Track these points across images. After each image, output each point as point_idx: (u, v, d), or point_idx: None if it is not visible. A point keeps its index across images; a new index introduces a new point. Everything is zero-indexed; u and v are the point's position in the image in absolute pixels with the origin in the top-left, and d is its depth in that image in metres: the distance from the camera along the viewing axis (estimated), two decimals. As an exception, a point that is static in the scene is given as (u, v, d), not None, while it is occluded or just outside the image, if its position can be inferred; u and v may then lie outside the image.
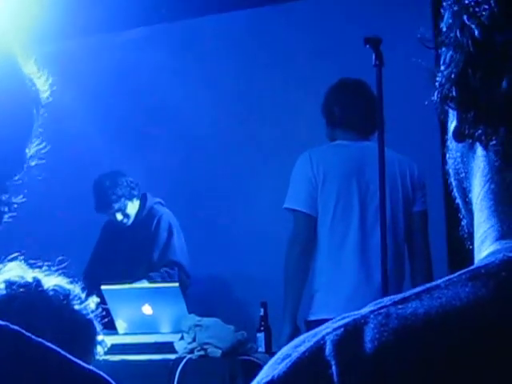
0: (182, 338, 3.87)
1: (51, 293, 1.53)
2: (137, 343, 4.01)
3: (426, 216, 3.92)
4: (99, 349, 3.95)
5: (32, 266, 1.54)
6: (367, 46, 3.40)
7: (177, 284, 4.21)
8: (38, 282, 1.52)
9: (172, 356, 3.79)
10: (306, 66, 5.44)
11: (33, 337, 0.91)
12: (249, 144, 5.58)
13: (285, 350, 0.69)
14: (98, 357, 3.75)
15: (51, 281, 1.55)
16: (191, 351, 3.75)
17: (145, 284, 4.59)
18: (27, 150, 0.98)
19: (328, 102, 3.96)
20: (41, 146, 1.01)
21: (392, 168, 3.72)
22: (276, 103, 5.53)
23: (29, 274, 1.53)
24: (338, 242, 3.75)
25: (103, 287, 4.13)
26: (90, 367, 0.93)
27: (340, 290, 3.69)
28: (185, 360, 3.70)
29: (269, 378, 0.67)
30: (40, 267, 1.56)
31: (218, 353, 3.72)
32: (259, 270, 5.23)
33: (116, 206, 4.88)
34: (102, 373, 0.94)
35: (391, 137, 3.59)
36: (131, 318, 4.14)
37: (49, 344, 0.91)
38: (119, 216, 4.91)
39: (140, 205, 5.01)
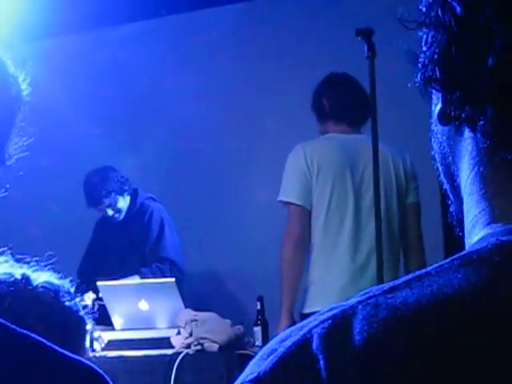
0: (178, 333, 3.87)
1: (40, 290, 1.52)
2: (134, 339, 4.01)
3: (419, 208, 3.93)
4: (96, 345, 3.96)
5: (20, 262, 1.53)
6: (359, 37, 3.40)
7: (173, 279, 4.21)
8: (26, 280, 1.51)
9: (169, 351, 3.79)
10: (298, 58, 5.44)
11: (17, 328, 0.90)
12: (243, 138, 5.58)
13: (270, 344, 0.66)
14: (94, 353, 3.76)
15: (40, 277, 1.54)
16: (188, 346, 3.75)
17: (141, 280, 4.59)
18: (7, 146, 0.98)
19: (317, 97, 3.97)
20: (21, 143, 1.01)
21: (385, 160, 3.73)
22: (269, 96, 5.53)
23: (17, 271, 1.52)
24: (332, 234, 3.76)
25: (99, 283, 4.13)
26: (79, 358, 0.93)
27: (335, 282, 3.69)
28: (182, 355, 3.70)
29: (254, 374, 0.64)
30: (28, 263, 1.55)
31: (215, 347, 3.72)
32: (255, 264, 5.23)
33: (106, 201, 4.87)
34: (90, 363, 0.94)
35: (384, 128, 3.58)
36: (128, 313, 4.14)
37: (34, 335, 0.91)
38: (110, 211, 4.91)
39: (131, 200, 5.01)
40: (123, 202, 4.96)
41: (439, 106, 0.74)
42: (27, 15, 5.17)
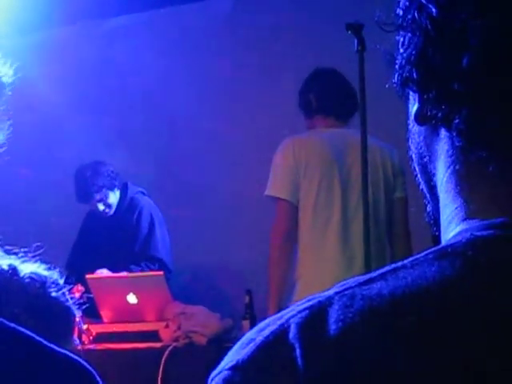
0: (167, 326, 3.87)
1: (27, 280, 1.52)
2: (122, 332, 4.01)
3: (406, 202, 3.94)
4: (84, 337, 3.95)
5: (8, 253, 1.53)
6: (349, 32, 3.40)
7: (161, 272, 4.21)
8: (13, 270, 1.51)
9: (157, 344, 3.79)
10: (289, 51, 5.44)
11: (5, 322, 0.90)
12: (233, 131, 5.58)
13: (249, 334, 0.68)
14: (83, 346, 3.75)
15: (27, 268, 1.54)
16: (176, 339, 3.76)
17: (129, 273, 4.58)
18: None
19: (303, 93, 3.99)
20: (4, 134, 1.01)
21: (373, 154, 3.73)
22: (258, 90, 5.53)
23: (4, 261, 1.52)
24: (320, 229, 3.76)
25: (88, 276, 4.13)
26: (67, 353, 0.93)
27: (322, 277, 3.69)
28: (170, 348, 3.70)
29: (233, 362, 0.67)
30: (16, 254, 1.55)
31: (204, 340, 3.72)
32: (244, 257, 5.23)
33: (97, 196, 4.86)
34: (78, 358, 0.94)
35: (373, 123, 3.59)
36: (116, 306, 4.14)
37: (22, 329, 0.91)
38: (101, 206, 4.90)
39: (121, 195, 5.00)
40: (114, 197, 4.95)
41: (416, 106, 0.76)
42: (18, 8, 5.16)
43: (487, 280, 0.64)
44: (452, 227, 0.73)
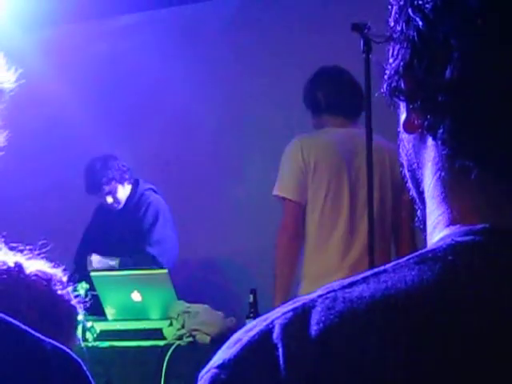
0: (170, 325, 3.87)
1: (33, 278, 1.53)
2: (126, 329, 4.01)
3: (413, 204, 3.92)
4: (88, 335, 3.95)
5: (13, 250, 1.54)
6: (354, 32, 3.40)
7: (166, 270, 4.21)
8: (19, 268, 1.52)
9: (161, 342, 3.79)
10: (295, 50, 5.44)
11: None
12: (241, 129, 5.58)
13: (237, 334, 0.72)
14: (86, 343, 3.76)
15: (33, 265, 1.55)
16: (180, 337, 3.76)
17: (134, 270, 4.58)
18: None
19: (311, 91, 3.96)
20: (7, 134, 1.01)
21: (381, 155, 3.72)
22: (264, 89, 5.52)
23: (10, 259, 1.52)
24: (326, 231, 3.76)
25: (92, 273, 4.13)
26: (56, 344, 0.93)
27: (327, 278, 3.68)
28: (174, 346, 3.70)
29: (220, 361, 0.71)
30: (21, 251, 1.55)
31: (207, 339, 3.72)
32: (249, 256, 5.24)
33: (106, 188, 4.88)
34: (67, 350, 0.94)
35: (380, 123, 3.59)
36: (120, 304, 4.14)
37: (9, 319, 0.91)
38: (109, 199, 4.91)
39: (131, 190, 5.00)
40: (122, 192, 4.96)
41: (404, 115, 0.78)
42: (27, 5, 5.17)
43: (464, 284, 0.67)
44: (436, 233, 0.76)
